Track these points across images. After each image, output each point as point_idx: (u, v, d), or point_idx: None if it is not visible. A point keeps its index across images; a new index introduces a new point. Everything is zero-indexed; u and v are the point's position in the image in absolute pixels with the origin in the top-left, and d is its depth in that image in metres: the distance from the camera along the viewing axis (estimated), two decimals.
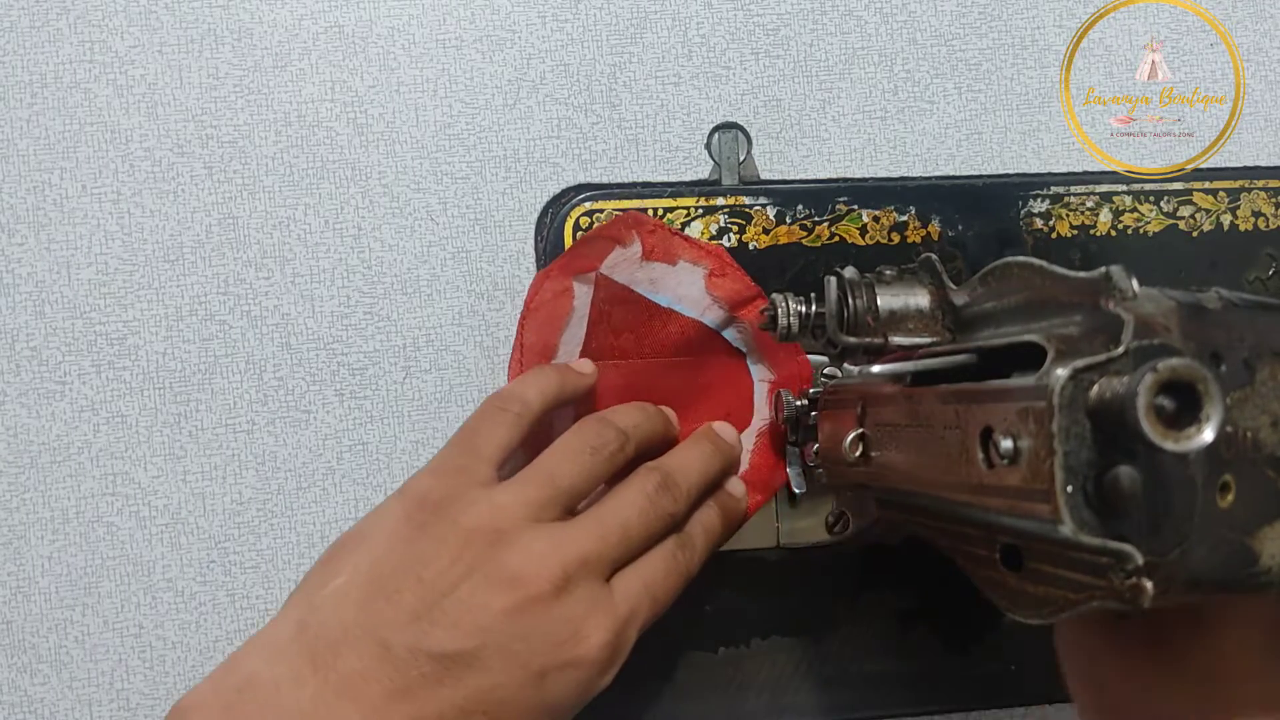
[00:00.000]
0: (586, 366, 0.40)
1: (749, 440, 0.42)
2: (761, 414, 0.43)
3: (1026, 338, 0.26)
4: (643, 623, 0.34)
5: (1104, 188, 0.45)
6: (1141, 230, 0.45)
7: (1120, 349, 0.23)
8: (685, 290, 0.42)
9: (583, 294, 0.41)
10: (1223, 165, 0.46)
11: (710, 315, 0.42)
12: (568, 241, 0.43)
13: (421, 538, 0.32)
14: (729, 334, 0.42)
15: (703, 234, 0.43)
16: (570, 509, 0.34)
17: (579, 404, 0.40)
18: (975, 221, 0.44)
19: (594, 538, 0.33)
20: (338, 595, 0.31)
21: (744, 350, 0.43)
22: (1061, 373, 0.22)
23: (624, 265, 0.41)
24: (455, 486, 0.33)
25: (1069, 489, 0.22)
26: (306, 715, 0.29)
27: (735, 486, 0.40)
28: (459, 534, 0.32)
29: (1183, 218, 0.45)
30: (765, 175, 0.44)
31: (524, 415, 0.36)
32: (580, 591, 0.32)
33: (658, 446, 0.38)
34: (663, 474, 0.36)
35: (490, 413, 0.36)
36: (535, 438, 0.37)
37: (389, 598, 0.31)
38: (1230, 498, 0.23)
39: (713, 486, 0.39)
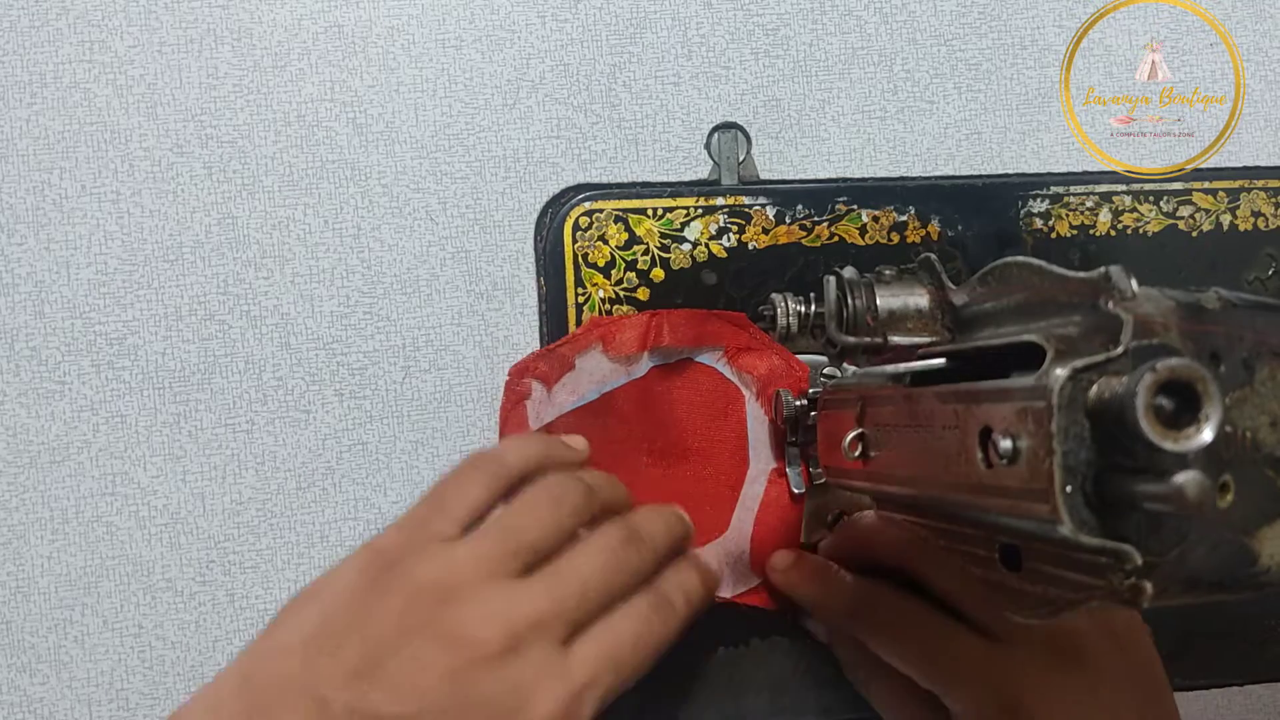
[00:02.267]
0: (579, 442, 0.39)
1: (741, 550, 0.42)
2: (740, 528, 0.42)
3: (1026, 338, 0.26)
4: (604, 692, 0.31)
5: (1104, 188, 0.45)
6: (1141, 230, 0.45)
7: (1120, 349, 0.23)
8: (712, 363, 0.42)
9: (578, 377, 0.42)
10: (1223, 165, 0.46)
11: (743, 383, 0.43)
12: (567, 241, 0.43)
13: (372, 592, 0.31)
14: (753, 411, 0.42)
15: (702, 234, 0.43)
16: (529, 565, 0.32)
17: None
18: (975, 221, 0.44)
19: (549, 596, 0.30)
20: (282, 649, 0.30)
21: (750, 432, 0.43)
22: (1061, 373, 0.22)
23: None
24: (414, 541, 0.32)
25: (1068, 489, 0.22)
26: None
27: (706, 555, 0.40)
28: (408, 589, 0.30)
29: (1182, 218, 0.45)
30: (765, 175, 0.44)
31: (499, 476, 0.34)
32: (531, 654, 0.29)
33: (621, 511, 0.36)
34: (628, 528, 0.34)
35: (464, 470, 0.35)
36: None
37: (332, 654, 0.29)
38: (1229, 498, 0.23)
39: (678, 552, 0.37)
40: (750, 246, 0.43)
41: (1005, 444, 0.24)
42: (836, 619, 0.40)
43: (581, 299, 0.43)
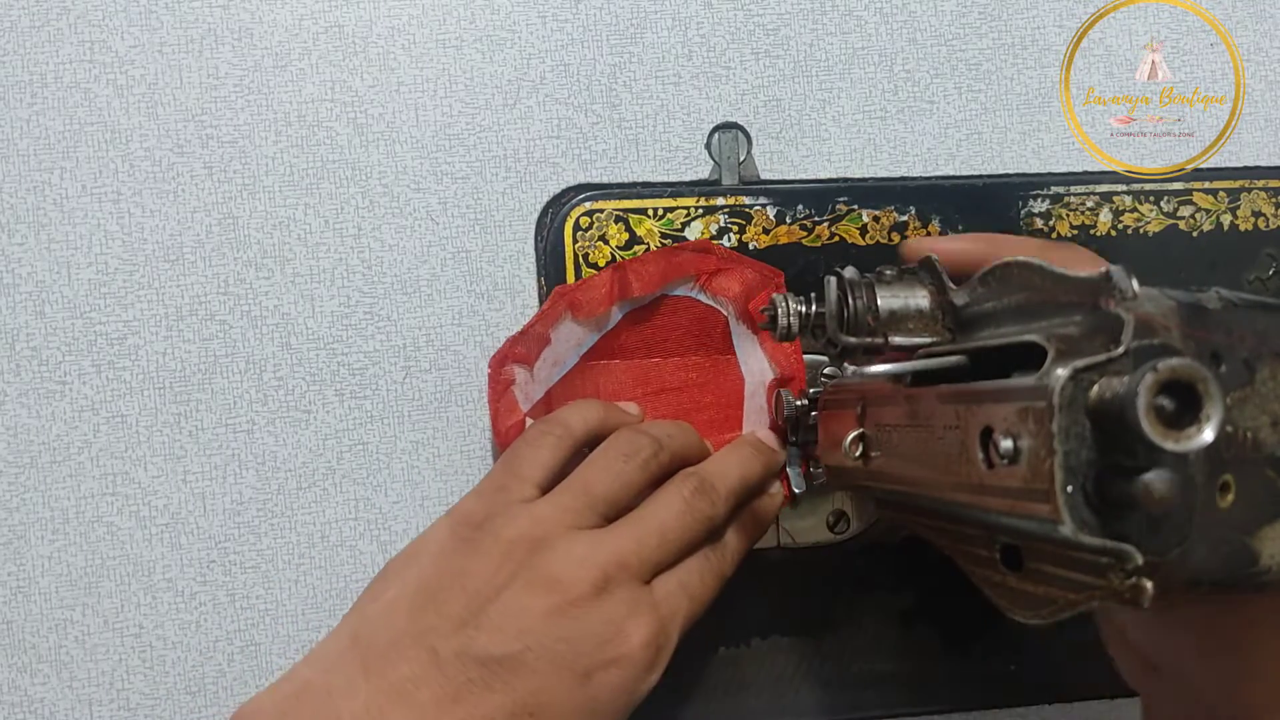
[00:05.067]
0: (632, 406, 0.41)
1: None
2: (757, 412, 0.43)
3: (1026, 338, 0.26)
4: (683, 622, 0.34)
5: (1104, 188, 0.45)
6: (1141, 230, 0.45)
7: (1120, 349, 0.23)
8: (751, 365, 0.43)
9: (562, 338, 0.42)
10: (1223, 165, 0.46)
11: (754, 399, 0.43)
12: (568, 241, 0.43)
13: (466, 551, 0.33)
14: (737, 330, 0.43)
15: (703, 234, 0.43)
16: (608, 516, 0.35)
17: None
18: (975, 221, 0.44)
19: (631, 540, 0.33)
20: (388, 607, 0.32)
21: (747, 345, 0.43)
22: (1062, 372, 0.22)
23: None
24: (497, 504, 0.35)
25: (1069, 489, 0.22)
26: None
27: (773, 488, 0.40)
28: (500, 545, 0.33)
29: (1183, 218, 0.46)
30: (765, 175, 0.44)
31: (564, 439, 0.37)
32: (620, 593, 0.32)
33: (694, 458, 0.39)
34: (700, 478, 0.36)
35: (532, 436, 0.37)
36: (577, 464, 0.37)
37: (436, 607, 0.32)
38: (1230, 497, 0.23)
39: (753, 492, 0.39)
40: (751, 246, 0.43)
41: (1006, 444, 0.24)
42: None
43: None
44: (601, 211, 0.43)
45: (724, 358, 0.43)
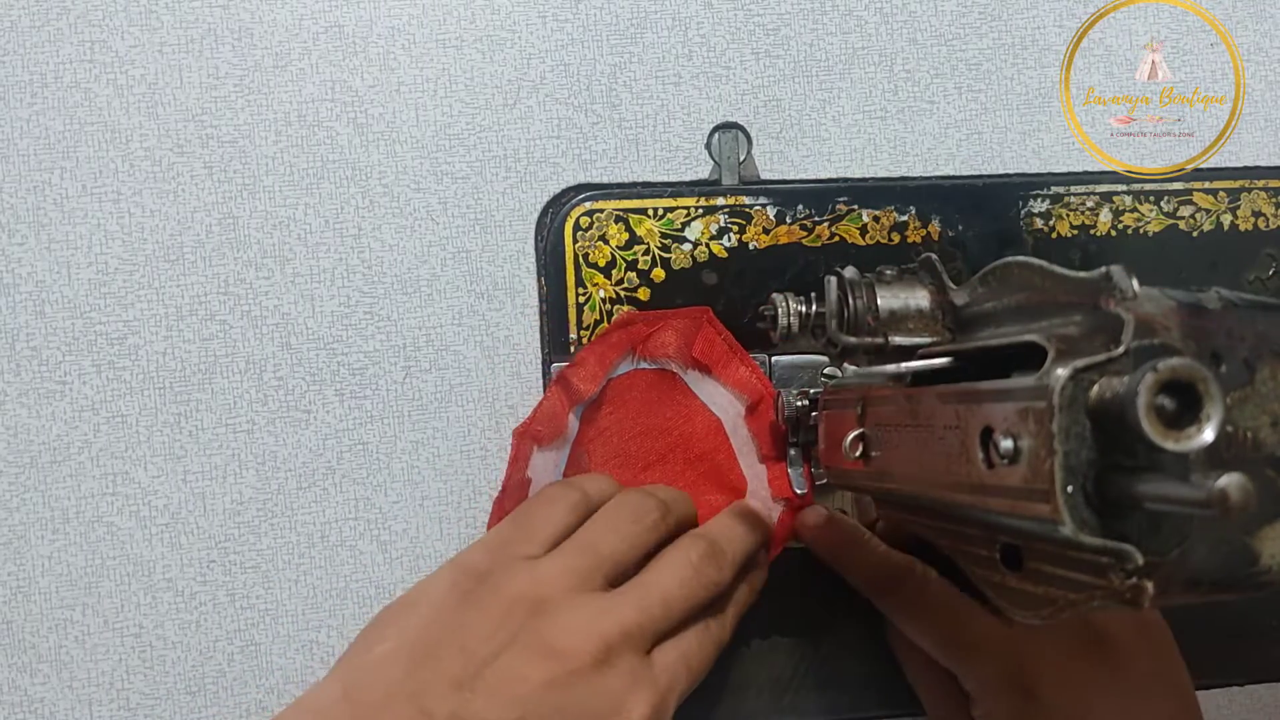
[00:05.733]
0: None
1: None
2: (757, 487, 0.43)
3: (1026, 338, 0.26)
4: (681, 694, 0.33)
5: (1104, 188, 0.45)
6: (1141, 230, 0.45)
7: (1120, 349, 0.23)
8: (719, 402, 0.42)
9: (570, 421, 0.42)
10: (1223, 165, 0.46)
11: (737, 437, 0.43)
12: (568, 241, 0.43)
13: (465, 606, 0.32)
14: (691, 378, 0.43)
15: (703, 234, 0.43)
16: (613, 579, 0.34)
17: None
18: (975, 221, 0.44)
19: (636, 610, 0.32)
20: (383, 661, 0.31)
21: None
22: (1062, 372, 0.22)
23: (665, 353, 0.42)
24: (500, 559, 0.34)
25: (1069, 489, 0.22)
26: None
27: (762, 561, 0.40)
28: (501, 602, 0.32)
29: (1183, 218, 0.46)
30: (765, 175, 0.44)
31: (580, 503, 0.36)
32: (621, 665, 0.31)
33: (690, 526, 0.39)
34: (709, 542, 0.36)
35: (549, 496, 0.37)
36: None
37: (432, 665, 0.31)
38: (1250, 503, 0.23)
39: (752, 561, 0.39)
40: (751, 246, 0.43)
41: (1006, 444, 0.24)
42: (860, 587, 0.40)
43: (582, 299, 0.43)
44: (601, 211, 0.43)
45: (691, 408, 0.43)
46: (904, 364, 0.32)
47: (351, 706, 0.30)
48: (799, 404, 0.40)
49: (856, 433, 0.34)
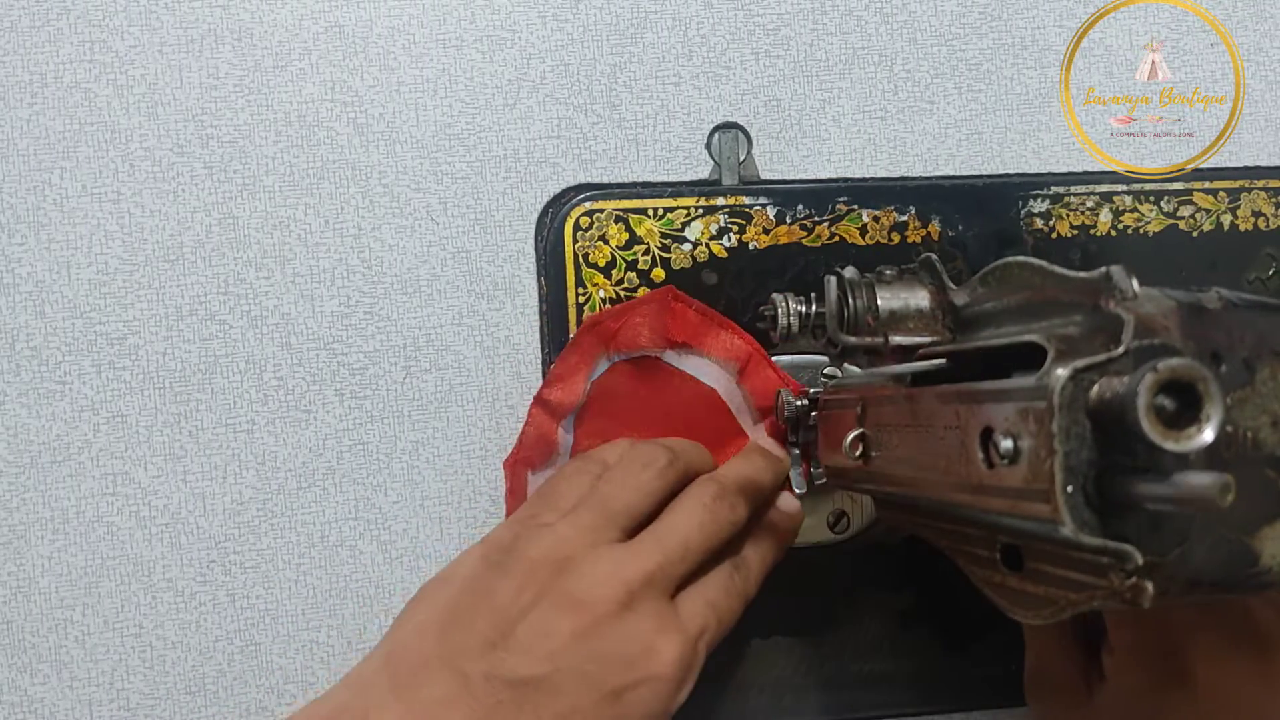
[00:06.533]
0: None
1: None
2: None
3: (1026, 338, 0.26)
4: (711, 640, 0.34)
5: (1104, 188, 0.45)
6: (1141, 230, 0.45)
7: (1120, 349, 0.23)
8: (708, 373, 0.42)
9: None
10: (1223, 165, 0.46)
11: (733, 401, 0.42)
12: (568, 241, 0.43)
13: (493, 574, 0.33)
14: (673, 357, 0.42)
15: (703, 234, 0.43)
16: (629, 529, 0.34)
17: None
18: (975, 221, 0.44)
19: (655, 554, 0.33)
20: (418, 629, 0.33)
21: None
22: (1062, 373, 0.22)
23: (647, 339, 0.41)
24: (525, 529, 0.35)
25: (1069, 489, 0.22)
26: None
27: (787, 503, 0.40)
28: (525, 565, 0.33)
29: (1183, 218, 0.46)
30: (765, 175, 0.44)
31: (601, 475, 0.37)
32: (646, 609, 0.32)
33: (707, 469, 0.39)
34: (719, 483, 0.36)
35: (570, 472, 0.38)
36: None
37: (464, 628, 0.32)
38: (1230, 498, 0.23)
39: (766, 500, 0.39)
40: (751, 246, 0.43)
41: (1006, 444, 0.24)
42: None
43: (582, 299, 0.43)
44: (601, 211, 0.43)
45: (680, 384, 0.42)
46: (904, 364, 0.32)
47: (390, 674, 0.31)
48: (799, 404, 0.40)
49: (856, 433, 0.34)
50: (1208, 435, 0.20)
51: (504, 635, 0.31)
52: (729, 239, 0.43)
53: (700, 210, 0.43)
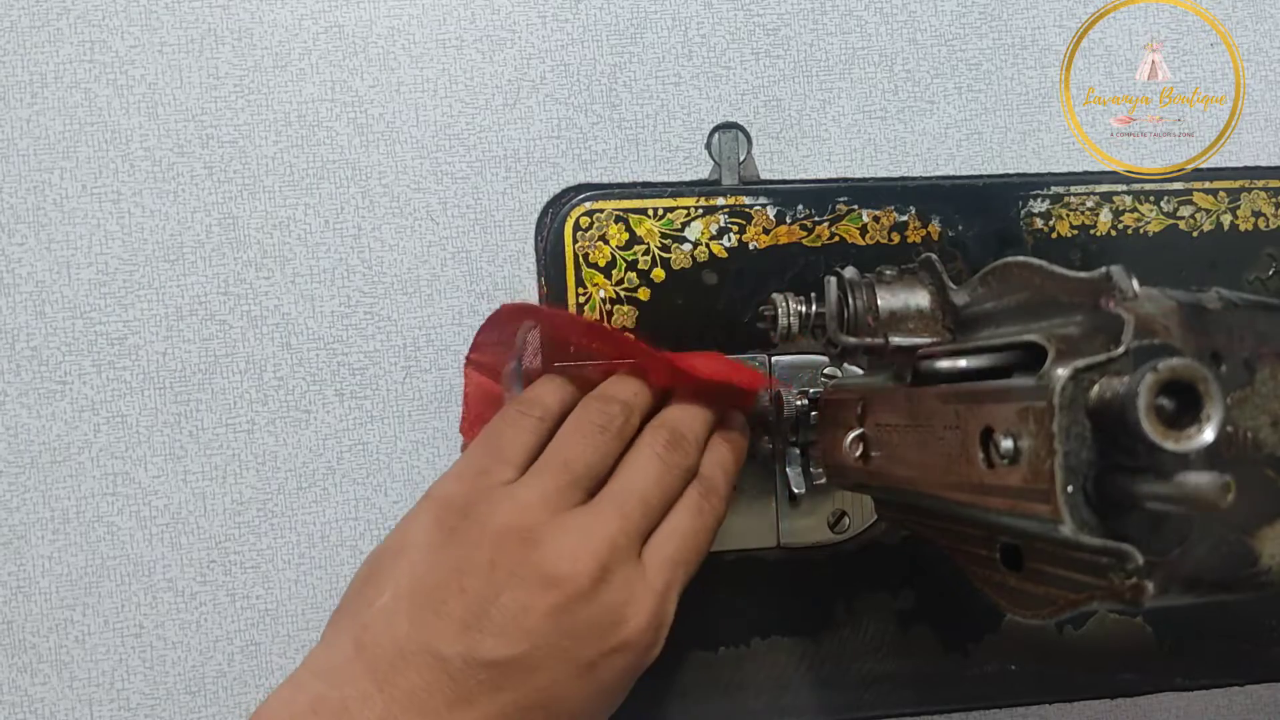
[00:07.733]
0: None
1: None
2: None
3: (1027, 338, 0.26)
4: (680, 586, 0.34)
5: (1104, 188, 0.45)
6: (1141, 230, 0.45)
7: (1121, 349, 0.23)
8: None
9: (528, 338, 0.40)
10: (1223, 165, 0.46)
11: None
12: (568, 241, 0.43)
13: (455, 544, 0.33)
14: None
15: (703, 234, 0.43)
16: (590, 490, 0.35)
17: None
18: (975, 221, 0.44)
19: (617, 517, 0.33)
20: (387, 613, 0.32)
21: None
22: (1062, 373, 0.22)
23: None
24: (479, 489, 0.34)
25: (1069, 489, 0.22)
26: None
27: (734, 418, 0.40)
28: (489, 537, 0.33)
29: (1183, 218, 0.45)
30: (765, 175, 0.44)
31: (545, 420, 0.37)
32: (616, 578, 0.32)
33: (656, 408, 0.38)
34: (669, 430, 0.36)
35: (512, 417, 0.37)
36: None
37: (436, 610, 0.31)
38: (1230, 498, 0.23)
39: (715, 426, 0.39)
40: (751, 246, 0.43)
41: (1006, 444, 0.24)
42: None
43: (582, 299, 0.43)
44: (601, 211, 0.43)
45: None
46: (903, 364, 0.32)
47: (367, 664, 0.31)
48: (799, 404, 0.40)
49: (856, 433, 0.34)
50: (1208, 435, 0.20)
51: (478, 616, 0.31)
52: (729, 239, 0.43)
53: (700, 210, 0.43)
